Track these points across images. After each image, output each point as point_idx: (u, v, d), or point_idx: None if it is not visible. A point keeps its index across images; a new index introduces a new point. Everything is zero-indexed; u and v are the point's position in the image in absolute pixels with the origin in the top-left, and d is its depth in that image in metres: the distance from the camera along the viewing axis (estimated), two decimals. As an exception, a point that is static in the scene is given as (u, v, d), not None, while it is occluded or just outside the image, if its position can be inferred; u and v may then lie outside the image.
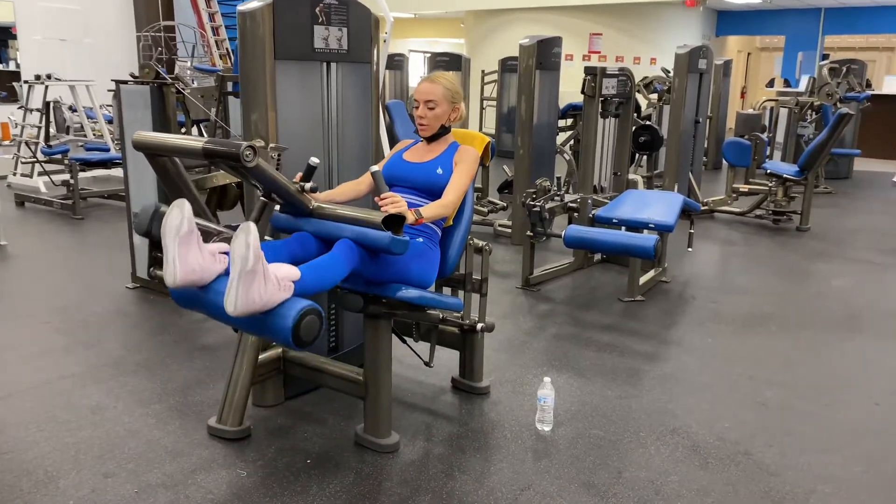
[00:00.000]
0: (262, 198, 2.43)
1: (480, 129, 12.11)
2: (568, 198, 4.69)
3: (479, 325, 2.90)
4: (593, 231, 4.35)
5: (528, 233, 4.51)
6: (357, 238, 2.30)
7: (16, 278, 4.88)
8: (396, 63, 11.26)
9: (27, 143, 7.78)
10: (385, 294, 2.45)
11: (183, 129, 4.78)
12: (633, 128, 7.76)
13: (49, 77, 8.10)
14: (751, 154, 7.33)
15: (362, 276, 2.41)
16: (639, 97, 9.42)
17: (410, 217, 2.38)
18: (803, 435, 2.91)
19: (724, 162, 9.39)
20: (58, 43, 11.67)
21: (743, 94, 20.16)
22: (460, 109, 2.78)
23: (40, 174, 7.72)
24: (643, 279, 4.70)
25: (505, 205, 6.59)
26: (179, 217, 2.02)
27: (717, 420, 3.03)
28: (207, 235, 2.26)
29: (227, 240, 2.40)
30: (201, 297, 2.12)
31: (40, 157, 7.62)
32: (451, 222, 2.77)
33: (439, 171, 2.68)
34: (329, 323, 3.23)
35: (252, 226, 1.94)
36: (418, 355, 3.05)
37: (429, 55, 10.66)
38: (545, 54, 5.74)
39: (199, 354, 3.55)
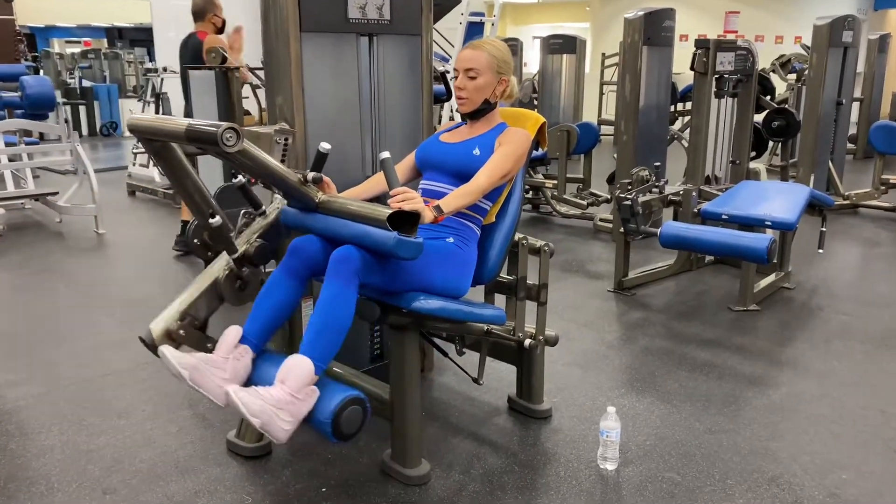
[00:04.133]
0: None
1: (599, 117, 11.42)
2: (668, 190, 4.09)
3: (527, 342, 2.45)
4: (695, 229, 3.75)
5: (620, 229, 3.98)
6: (359, 239, 1.94)
7: (103, 267, 4.92)
8: (510, 48, 10.80)
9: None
10: (399, 304, 2.07)
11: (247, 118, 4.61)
12: (766, 112, 6.93)
13: (165, 70, 8.33)
14: (904, 140, 6.31)
15: (370, 283, 2.04)
16: (774, 78, 8.45)
17: (428, 215, 1.98)
18: (949, 498, 2.26)
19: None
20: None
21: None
22: (509, 83, 2.33)
23: (154, 164, 7.93)
24: (760, 285, 4.04)
25: (609, 197, 6.02)
26: (173, 369, 1.97)
27: (832, 468, 2.42)
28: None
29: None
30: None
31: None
32: (493, 218, 2.34)
33: (476, 151, 2.26)
34: (372, 327, 2.89)
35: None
36: (464, 370, 2.64)
37: (541, 38, 10.12)
38: (654, 28, 5.12)
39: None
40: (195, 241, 2.37)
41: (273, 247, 2.29)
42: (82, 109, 12.78)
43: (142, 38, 18.73)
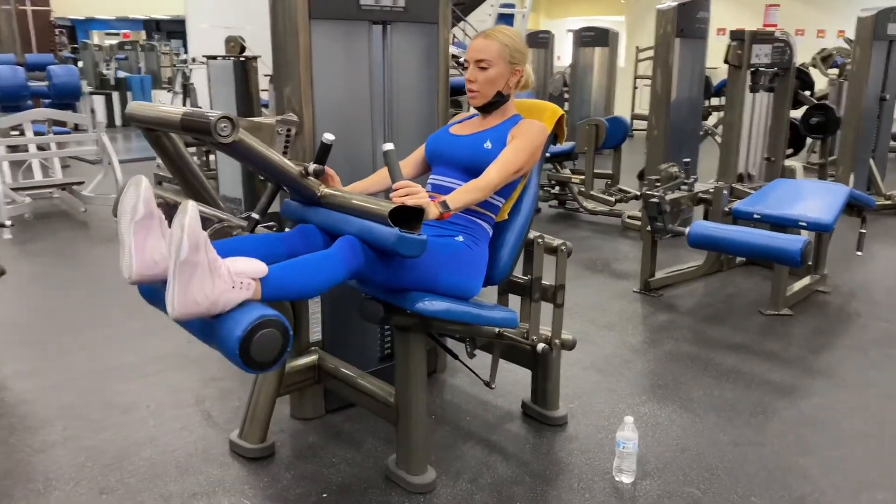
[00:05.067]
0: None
1: (632, 111, 11.19)
2: (698, 187, 3.92)
3: (540, 346, 2.32)
4: (725, 228, 3.58)
5: (647, 227, 3.82)
6: (361, 234, 1.83)
7: (122, 258, 4.89)
8: (541, 41, 10.63)
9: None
10: (402, 305, 1.96)
11: (265, 110, 4.54)
12: (805, 107, 6.68)
13: (194, 60, 8.33)
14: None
15: (373, 281, 1.94)
16: (814, 73, 8.16)
17: (433, 211, 1.86)
18: None
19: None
20: (222, 31, 12.18)
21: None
22: (523, 73, 2.20)
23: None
24: (793, 288, 3.86)
25: (639, 194, 5.84)
26: (134, 198, 1.64)
27: (866, 488, 2.27)
28: (206, 223, 1.89)
29: (229, 230, 2.03)
30: (163, 296, 1.72)
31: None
32: (505, 216, 2.22)
33: (487, 144, 2.13)
34: (383, 325, 2.79)
35: (191, 204, 1.52)
36: (475, 373, 2.52)
37: (573, 31, 9.93)
38: (688, 19, 4.94)
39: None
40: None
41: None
42: (116, 100, 12.90)
43: (178, 30, 18.85)
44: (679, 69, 4.99)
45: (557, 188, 6.15)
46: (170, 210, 1.66)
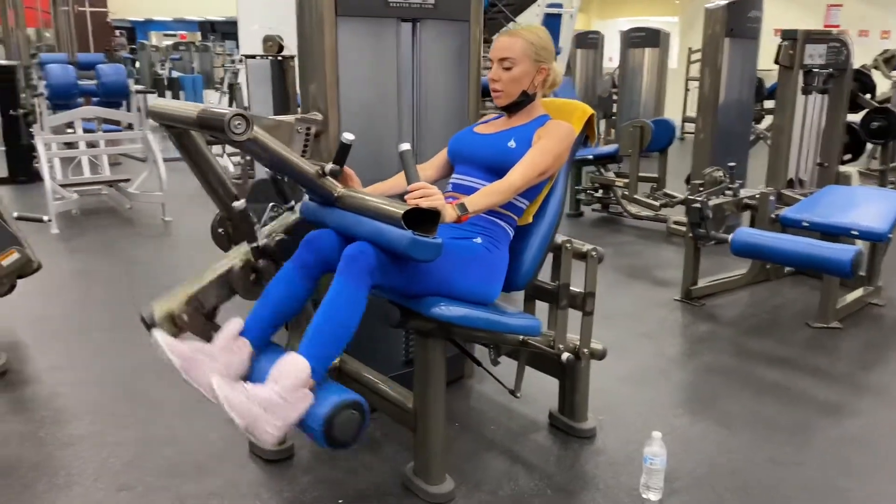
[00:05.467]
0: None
1: (684, 113, 10.93)
2: (743, 193, 3.76)
3: (565, 356, 2.24)
4: (770, 236, 3.43)
5: (689, 234, 3.69)
6: (373, 237, 1.78)
7: (164, 255, 4.96)
8: (591, 41, 10.47)
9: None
10: (418, 309, 1.91)
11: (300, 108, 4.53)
12: (865, 111, 6.40)
13: (240, 60, 8.45)
14: None
15: (388, 286, 1.89)
16: (876, 75, 7.82)
17: (450, 214, 1.80)
18: None
19: None
20: (271, 32, 12.36)
21: None
22: (549, 71, 2.12)
23: (229, 155, 8.04)
24: (845, 300, 3.68)
25: (684, 199, 5.67)
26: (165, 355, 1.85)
27: (913, 517, 2.12)
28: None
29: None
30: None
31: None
32: (529, 219, 2.14)
33: (511, 143, 2.06)
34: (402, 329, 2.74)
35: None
36: (499, 381, 2.45)
37: (622, 32, 9.74)
38: (738, 18, 4.76)
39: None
40: (219, 230, 2.29)
41: (297, 243, 2.17)
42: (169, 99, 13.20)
43: (233, 31, 19.23)
44: (728, 70, 4.82)
45: (601, 191, 6.02)
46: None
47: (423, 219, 1.75)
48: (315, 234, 1.96)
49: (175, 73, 14.16)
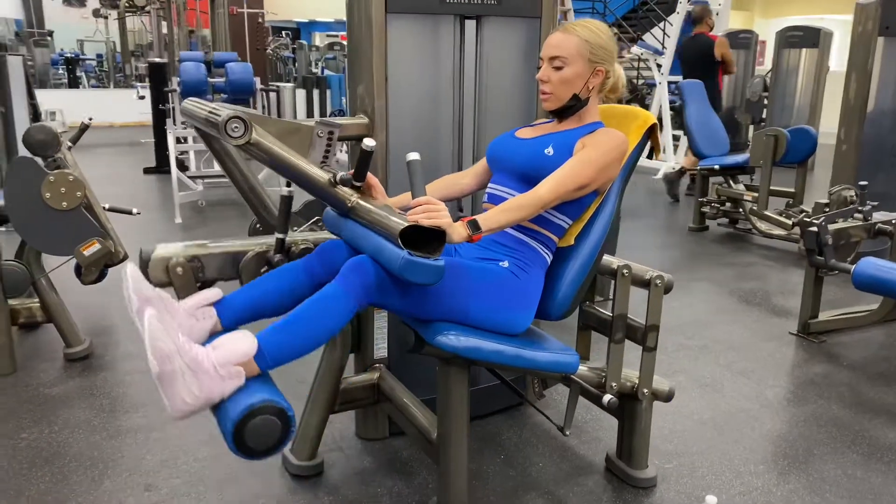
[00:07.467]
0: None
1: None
2: (877, 217, 3.22)
3: (607, 398, 1.96)
4: (903, 270, 2.90)
5: (808, 261, 3.22)
6: (374, 253, 1.62)
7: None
8: (742, 41, 9.70)
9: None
10: (424, 336, 1.72)
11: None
12: None
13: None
14: None
15: (389, 308, 1.72)
16: None
17: (459, 233, 1.60)
18: None
19: None
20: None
21: None
22: (607, 74, 1.86)
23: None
24: None
25: (824, 217, 5.04)
26: (126, 290, 1.62)
27: None
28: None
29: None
30: None
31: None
32: (571, 241, 1.89)
33: (549, 150, 1.82)
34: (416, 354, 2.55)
35: (150, 315, 1.48)
36: (545, 415, 2.21)
37: (777, 31, 8.94)
38: (895, 15, 4.14)
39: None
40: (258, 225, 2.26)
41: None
42: (316, 97, 13.72)
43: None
44: (881, 74, 4.21)
45: (728, 204, 5.51)
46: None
47: (428, 237, 1.57)
48: (329, 245, 1.83)
49: (326, 72, 14.71)
